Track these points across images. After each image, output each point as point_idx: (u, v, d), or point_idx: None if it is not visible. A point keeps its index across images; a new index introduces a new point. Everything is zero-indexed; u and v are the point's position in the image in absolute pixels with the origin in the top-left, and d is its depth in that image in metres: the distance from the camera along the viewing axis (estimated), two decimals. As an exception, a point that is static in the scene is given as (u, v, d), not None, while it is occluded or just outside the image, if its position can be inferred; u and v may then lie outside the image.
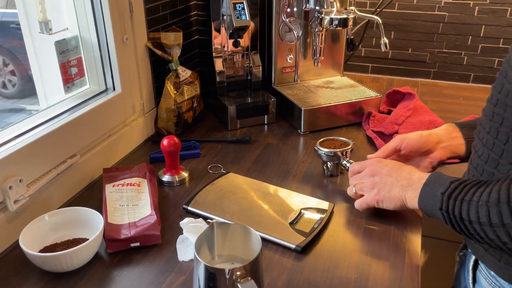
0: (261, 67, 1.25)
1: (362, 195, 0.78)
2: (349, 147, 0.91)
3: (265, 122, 1.21)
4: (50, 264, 0.67)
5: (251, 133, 1.15)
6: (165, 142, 0.89)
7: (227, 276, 0.54)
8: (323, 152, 0.92)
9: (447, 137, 0.81)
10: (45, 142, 0.80)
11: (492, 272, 0.64)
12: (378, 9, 1.50)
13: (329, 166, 0.94)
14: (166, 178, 0.92)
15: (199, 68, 1.35)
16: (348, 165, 0.88)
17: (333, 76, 1.36)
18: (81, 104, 0.93)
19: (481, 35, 1.46)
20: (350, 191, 0.81)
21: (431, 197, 0.62)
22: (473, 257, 0.69)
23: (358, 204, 0.79)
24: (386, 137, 1.10)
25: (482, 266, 0.67)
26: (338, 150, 0.91)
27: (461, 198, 0.57)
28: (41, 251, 0.71)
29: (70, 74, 0.94)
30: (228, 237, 0.63)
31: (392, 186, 0.71)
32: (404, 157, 0.85)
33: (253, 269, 0.56)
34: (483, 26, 1.44)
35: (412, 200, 0.68)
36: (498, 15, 1.41)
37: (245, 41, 1.21)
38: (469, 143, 0.80)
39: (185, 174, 0.94)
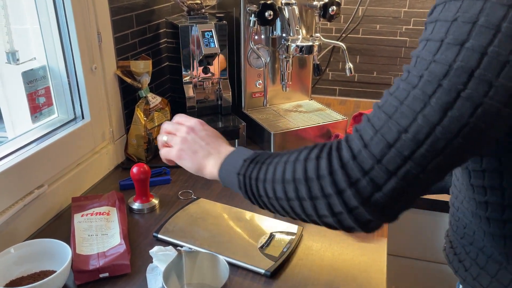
0: (231, 92, 1.27)
1: (169, 146, 0.73)
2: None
3: (236, 146, 1.22)
4: (16, 299, 0.66)
5: (222, 157, 1.16)
6: (134, 169, 0.89)
7: (195, 305, 0.55)
8: None
9: None
10: (11, 174, 0.80)
11: None
12: (343, 35, 1.56)
13: None
14: (136, 205, 0.92)
15: (169, 94, 1.36)
16: None
17: (302, 100, 1.39)
18: (49, 134, 0.93)
19: (441, 58, 1.53)
20: (160, 137, 0.74)
21: (229, 174, 0.63)
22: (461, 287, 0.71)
23: (162, 153, 0.73)
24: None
25: None
26: None
27: (255, 177, 0.59)
28: (6, 285, 0.70)
29: (38, 103, 0.94)
30: (196, 265, 0.64)
31: (200, 149, 0.69)
32: None
33: (221, 297, 0.57)
34: (442, 50, 1.52)
35: (212, 169, 0.67)
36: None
37: (214, 67, 1.23)
38: None
39: (155, 201, 0.94)
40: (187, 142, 0.70)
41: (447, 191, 0.84)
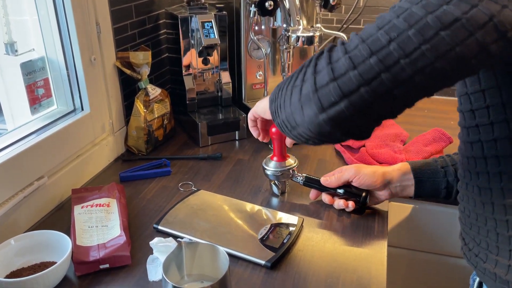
0: (231, 83, 1.27)
1: None
2: (295, 164, 0.92)
3: (236, 138, 1.22)
4: (17, 290, 0.66)
5: (222, 149, 1.16)
6: (273, 129, 0.86)
7: (195, 296, 0.55)
8: (278, 170, 0.91)
9: (398, 179, 0.85)
10: (11, 165, 0.79)
11: None
12: (344, 26, 1.54)
13: (277, 184, 0.94)
14: (272, 164, 0.91)
15: (169, 85, 1.36)
16: (299, 178, 0.91)
17: (302, 91, 1.38)
18: (48, 125, 0.92)
19: (443, 49, 1.52)
20: None
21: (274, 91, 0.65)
22: (478, 279, 0.71)
23: None
24: (354, 150, 1.13)
25: None
26: (287, 167, 0.91)
27: (280, 87, 0.60)
28: (7, 276, 0.70)
29: (37, 95, 0.94)
30: (196, 256, 0.64)
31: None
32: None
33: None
34: (444, 41, 1.51)
35: (265, 105, 0.71)
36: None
37: (214, 58, 1.23)
38: (418, 185, 0.84)
39: (291, 161, 0.92)
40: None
41: (438, 194, 0.84)
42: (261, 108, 0.76)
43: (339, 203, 0.87)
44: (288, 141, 0.87)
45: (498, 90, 0.54)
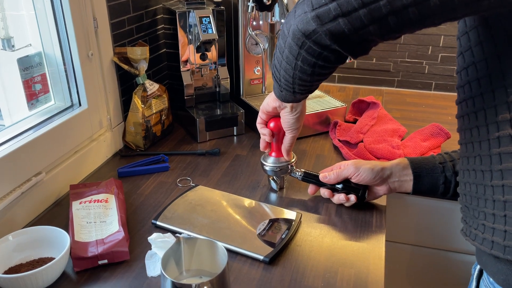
0: (229, 79, 1.26)
1: None
2: (294, 159, 0.92)
3: (234, 134, 1.22)
4: (15, 286, 0.66)
5: (220, 144, 1.16)
6: (271, 124, 0.88)
7: (194, 291, 0.55)
8: (277, 166, 0.91)
9: (398, 174, 0.85)
10: (8, 161, 0.79)
11: (491, 279, 0.66)
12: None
13: (276, 179, 0.94)
14: (271, 160, 0.91)
15: (167, 81, 1.35)
16: (298, 174, 0.91)
17: (300, 86, 1.38)
18: (46, 121, 0.92)
19: (441, 45, 1.52)
20: None
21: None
22: (478, 267, 0.71)
23: None
24: (352, 146, 1.13)
25: (484, 275, 0.69)
26: (285, 163, 0.91)
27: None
28: (5, 272, 0.70)
29: (34, 90, 0.93)
30: (195, 251, 0.64)
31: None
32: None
33: (220, 283, 0.57)
34: (442, 37, 1.51)
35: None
36: (456, 26, 1.47)
37: (212, 54, 1.22)
38: (417, 180, 0.84)
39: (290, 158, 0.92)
40: None
41: (436, 190, 0.84)
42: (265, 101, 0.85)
43: (339, 197, 0.87)
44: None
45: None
